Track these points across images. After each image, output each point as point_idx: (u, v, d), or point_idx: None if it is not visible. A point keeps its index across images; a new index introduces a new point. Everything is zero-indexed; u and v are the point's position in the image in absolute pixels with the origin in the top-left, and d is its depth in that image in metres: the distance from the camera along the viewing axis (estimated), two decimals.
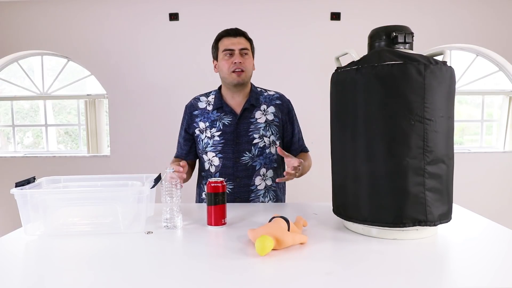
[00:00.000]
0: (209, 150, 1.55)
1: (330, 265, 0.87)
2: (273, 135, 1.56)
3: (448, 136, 1.01)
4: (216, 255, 0.95)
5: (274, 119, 1.57)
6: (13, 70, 3.70)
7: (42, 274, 0.86)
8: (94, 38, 3.43)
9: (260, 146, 1.53)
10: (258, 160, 1.54)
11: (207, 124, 1.56)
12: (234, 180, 1.53)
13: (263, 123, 1.55)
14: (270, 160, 1.56)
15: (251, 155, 1.53)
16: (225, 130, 1.53)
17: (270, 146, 1.55)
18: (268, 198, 1.57)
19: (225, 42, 1.51)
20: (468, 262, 0.89)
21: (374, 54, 1.02)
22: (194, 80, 3.33)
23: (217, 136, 1.54)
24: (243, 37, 1.52)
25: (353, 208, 1.05)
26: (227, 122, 1.54)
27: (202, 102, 1.61)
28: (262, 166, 1.54)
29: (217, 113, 1.56)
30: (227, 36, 1.52)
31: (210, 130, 1.55)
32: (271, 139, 1.55)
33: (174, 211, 1.15)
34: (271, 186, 1.57)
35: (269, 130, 1.55)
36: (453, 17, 3.36)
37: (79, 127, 3.78)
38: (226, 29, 1.54)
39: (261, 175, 1.55)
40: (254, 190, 1.54)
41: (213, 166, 1.56)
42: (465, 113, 3.84)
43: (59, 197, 1.17)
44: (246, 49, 1.51)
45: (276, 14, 3.37)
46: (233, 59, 1.49)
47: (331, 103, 1.14)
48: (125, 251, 0.99)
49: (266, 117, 1.56)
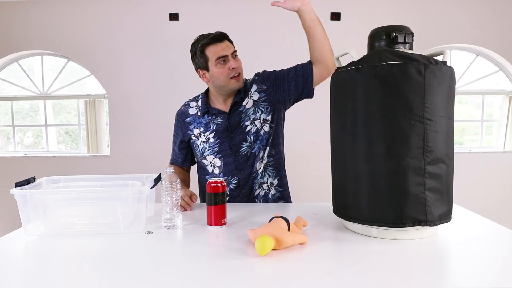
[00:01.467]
0: (207, 154, 1.54)
1: (330, 265, 0.87)
2: (264, 113, 1.51)
3: (448, 136, 1.01)
4: (216, 255, 0.95)
5: (260, 95, 1.53)
6: (13, 70, 3.70)
7: (42, 274, 0.86)
8: (94, 38, 3.43)
9: (253, 132, 1.51)
10: (256, 145, 1.51)
11: (201, 129, 1.55)
12: (239, 173, 1.52)
13: (251, 107, 1.52)
14: (266, 140, 1.53)
15: (248, 143, 1.51)
16: (218, 129, 1.53)
17: (263, 127, 1.51)
18: (266, 176, 1.54)
19: (215, 50, 1.44)
20: (468, 262, 0.89)
21: (374, 54, 1.02)
22: (194, 80, 3.31)
23: (211, 138, 1.53)
24: (227, 39, 1.47)
25: (353, 208, 1.05)
26: (219, 122, 1.53)
27: (192, 108, 1.59)
28: (260, 150, 1.52)
29: (208, 117, 1.55)
30: (213, 43, 1.44)
31: (204, 134, 1.54)
32: (261, 119, 1.51)
33: (174, 211, 1.15)
34: (267, 163, 1.54)
35: (258, 110, 1.51)
36: (453, 17, 3.36)
37: (79, 127, 3.78)
38: (210, 36, 1.45)
39: (261, 158, 1.53)
40: (255, 176, 1.53)
41: (216, 167, 1.54)
42: (465, 113, 3.84)
43: (59, 197, 1.17)
44: (235, 52, 1.48)
45: (276, 14, 3.35)
46: (229, 65, 1.44)
47: (331, 103, 1.14)
48: (125, 251, 0.99)
49: (252, 99, 1.53)
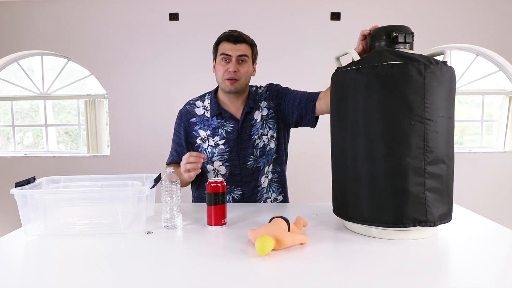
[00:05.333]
0: (215, 160, 1.52)
1: (330, 265, 0.87)
2: (271, 129, 1.53)
3: (448, 136, 1.01)
4: (216, 255, 0.95)
5: (269, 112, 1.54)
6: (13, 70, 3.70)
7: (42, 274, 0.85)
8: (94, 38, 3.43)
9: (260, 146, 1.52)
10: (262, 160, 1.52)
11: (208, 132, 1.52)
12: (243, 185, 1.51)
13: (259, 121, 1.52)
14: (271, 156, 1.54)
15: (255, 157, 1.51)
16: (228, 138, 1.50)
17: (269, 143, 1.53)
18: (272, 192, 1.55)
19: (224, 46, 1.45)
20: (468, 263, 0.88)
21: (374, 54, 1.02)
22: (194, 80, 3.33)
23: (221, 145, 1.50)
24: (244, 43, 1.46)
25: (353, 208, 1.05)
26: (230, 129, 1.51)
27: (199, 108, 1.56)
28: (265, 165, 1.53)
29: (217, 120, 1.52)
30: (227, 40, 1.45)
31: (213, 139, 1.51)
32: (269, 135, 1.53)
33: (174, 211, 1.15)
34: (272, 179, 1.56)
35: (266, 126, 1.52)
36: (453, 17, 3.36)
37: (79, 127, 3.78)
38: (228, 33, 1.47)
39: (265, 173, 1.54)
40: (260, 190, 1.53)
41: (219, 175, 1.52)
42: (465, 113, 3.84)
43: (59, 197, 1.17)
44: (244, 56, 1.45)
45: (276, 14, 3.37)
46: (228, 67, 1.44)
47: (331, 103, 1.14)
48: (125, 251, 0.99)
49: (261, 114, 1.53)
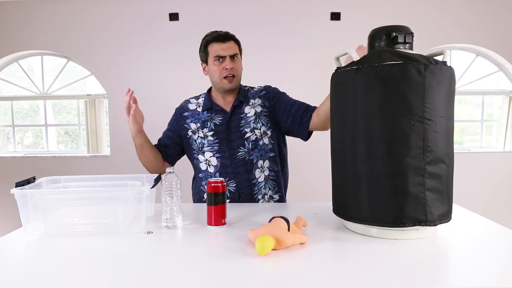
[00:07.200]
0: (206, 150, 1.56)
1: (330, 265, 0.87)
2: (264, 125, 1.57)
3: (448, 136, 1.01)
4: (216, 255, 0.95)
5: (263, 109, 1.58)
6: (13, 70, 3.70)
7: (42, 274, 0.85)
8: (94, 38, 3.43)
9: (252, 140, 1.54)
10: (254, 153, 1.54)
11: (198, 125, 1.59)
12: (235, 177, 1.53)
13: (252, 115, 1.57)
14: (265, 151, 1.56)
15: (246, 149, 1.54)
16: (217, 130, 1.55)
17: (263, 138, 1.56)
18: (268, 189, 1.57)
19: (216, 48, 1.51)
20: (468, 262, 0.89)
21: (374, 54, 1.02)
22: (194, 80, 3.31)
23: (210, 136, 1.56)
24: (232, 40, 1.53)
25: (353, 208, 1.05)
26: (218, 122, 1.56)
27: (192, 104, 1.64)
28: (259, 159, 1.55)
29: (207, 114, 1.58)
30: (216, 41, 1.52)
31: (202, 130, 1.57)
32: (262, 130, 1.56)
33: (174, 211, 1.15)
34: (269, 176, 1.57)
35: (259, 121, 1.56)
36: (453, 17, 3.36)
37: (79, 127, 3.78)
38: (215, 34, 1.54)
39: (260, 167, 1.55)
40: (256, 184, 1.55)
41: (211, 166, 1.56)
42: (465, 113, 3.84)
43: (59, 197, 1.17)
44: (236, 53, 1.52)
45: (276, 14, 3.37)
46: (224, 65, 1.50)
47: (331, 103, 1.14)
48: (125, 251, 0.99)
49: (254, 109, 1.58)
